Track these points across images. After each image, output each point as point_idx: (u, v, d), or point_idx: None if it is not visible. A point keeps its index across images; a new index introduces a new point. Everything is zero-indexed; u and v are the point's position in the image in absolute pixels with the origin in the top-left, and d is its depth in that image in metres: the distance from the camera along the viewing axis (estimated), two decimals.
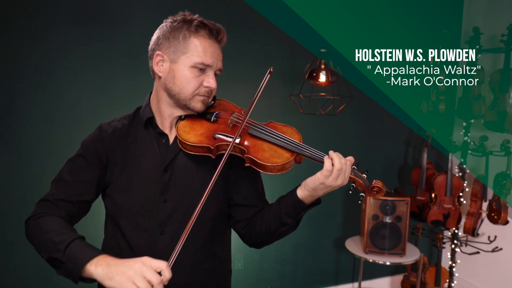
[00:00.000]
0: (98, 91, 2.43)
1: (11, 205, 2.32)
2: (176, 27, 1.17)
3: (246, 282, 2.89)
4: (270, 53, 2.75)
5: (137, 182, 1.21)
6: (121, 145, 1.24)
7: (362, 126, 3.08)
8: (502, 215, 2.68)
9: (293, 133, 1.21)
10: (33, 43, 2.28)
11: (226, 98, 1.31)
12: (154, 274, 0.92)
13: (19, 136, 2.32)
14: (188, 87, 1.17)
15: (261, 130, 1.19)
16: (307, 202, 1.16)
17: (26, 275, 2.37)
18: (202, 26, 1.16)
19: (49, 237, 1.05)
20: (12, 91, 2.29)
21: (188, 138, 1.17)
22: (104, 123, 1.29)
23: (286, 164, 1.13)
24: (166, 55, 1.17)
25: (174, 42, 1.16)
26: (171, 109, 1.22)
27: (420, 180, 2.96)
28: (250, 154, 1.14)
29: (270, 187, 1.55)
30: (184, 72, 1.16)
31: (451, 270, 2.98)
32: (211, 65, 1.17)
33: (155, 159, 1.22)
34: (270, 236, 1.22)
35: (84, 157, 1.22)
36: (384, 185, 1.12)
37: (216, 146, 1.16)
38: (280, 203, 1.19)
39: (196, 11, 1.24)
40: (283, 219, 1.17)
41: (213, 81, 1.18)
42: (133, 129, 1.26)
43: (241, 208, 1.27)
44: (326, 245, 3.11)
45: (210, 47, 1.17)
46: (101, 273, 0.96)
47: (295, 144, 1.16)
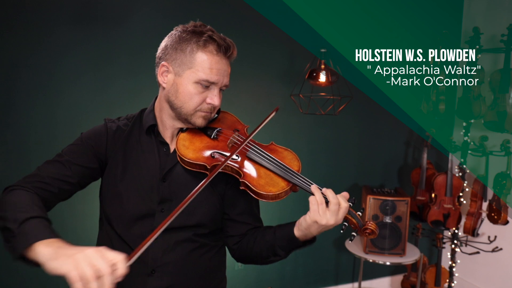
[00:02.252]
0: (98, 91, 2.42)
1: None
2: (185, 39, 1.13)
3: (246, 282, 2.89)
4: (270, 53, 2.75)
5: (136, 188, 1.19)
6: (124, 147, 1.22)
7: (362, 126, 3.08)
8: (502, 215, 2.68)
9: (293, 159, 1.18)
10: (33, 43, 2.28)
11: (226, 98, 1.31)
12: (105, 264, 0.80)
13: (19, 136, 2.32)
14: (191, 103, 1.14)
15: (259, 155, 1.16)
16: (302, 240, 1.16)
17: (26, 275, 2.36)
18: (211, 41, 1.13)
19: (13, 208, 0.98)
20: (12, 91, 2.28)
21: (186, 153, 1.15)
22: (109, 120, 1.27)
23: (281, 193, 1.11)
24: (171, 67, 1.15)
25: (181, 54, 1.13)
26: (172, 120, 1.21)
27: (420, 180, 2.96)
28: (245, 179, 1.12)
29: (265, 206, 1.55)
30: (187, 87, 1.13)
31: (451, 270, 2.98)
32: (216, 82, 1.14)
33: (155, 167, 1.20)
34: (260, 260, 1.23)
35: (79, 146, 1.20)
36: (377, 227, 1.09)
37: (212, 166, 1.14)
38: (276, 234, 1.18)
39: (196, 11, 1.24)
40: (276, 250, 1.17)
41: (217, 99, 1.16)
42: (137, 132, 1.24)
43: (234, 224, 1.26)
44: (326, 245, 3.11)
45: (217, 64, 1.14)
46: (47, 253, 0.86)
47: (293, 174, 1.12)
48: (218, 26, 1.19)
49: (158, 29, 1.39)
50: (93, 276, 0.79)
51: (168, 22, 1.25)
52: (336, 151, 3.06)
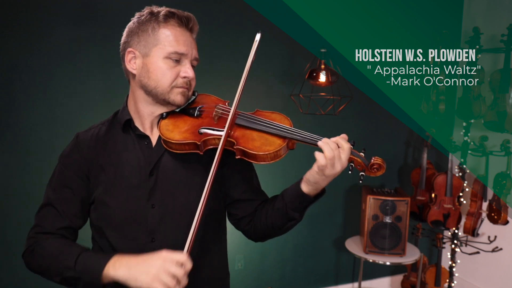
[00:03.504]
0: (98, 91, 2.42)
1: (11, 205, 2.31)
2: (143, 21, 1.13)
3: (246, 282, 2.89)
4: (270, 53, 2.75)
5: (121, 189, 1.14)
6: (101, 152, 1.17)
7: (362, 126, 3.08)
8: (502, 215, 2.68)
9: (282, 119, 1.16)
10: (33, 43, 2.28)
11: (226, 98, 1.30)
12: (177, 268, 0.92)
13: (19, 136, 2.32)
14: (164, 79, 1.10)
15: (248, 119, 1.13)
16: (312, 195, 1.11)
17: (26, 275, 2.36)
18: (171, 15, 1.11)
19: (54, 260, 1.02)
20: (12, 91, 2.28)
21: (172, 136, 1.11)
22: (81, 132, 1.24)
23: (279, 151, 1.07)
24: (137, 51, 1.13)
25: (144, 35, 1.12)
26: (150, 107, 1.16)
27: (420, 180, 2.96)
28: (240, 145, 1.08)
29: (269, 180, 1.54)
30: (158, 64, 1.10)
31: (451, 270, 2.98)
32: (185, 53, 1.11)
33: (139, 163, 1.15)
34: (278, 230, 1.18)
35: (64, 174, 1.17)
36: (384, 161, 1.06)
37: (203, 141, 1.10)
38: (285, 198, 1.14)
39: (196, 11, 1.23)
40: (290, 214, 1.13)
41: (191, 71, 1.12)
42: (112, 134, 1.20)
43: (241, 204, 1.22)
44: (326, 245, 3.11)
45: (182, 36, 1.11)
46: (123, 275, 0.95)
47: (286, 129, 1.09)
48: (218, 26, 1.18)
49: None
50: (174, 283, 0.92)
51: None
52: None
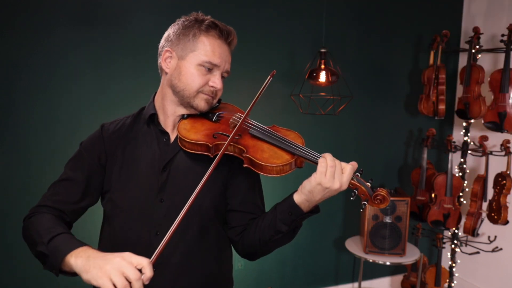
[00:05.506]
0: (98, 91, 2.42)
1: (11, 205, 2.32)
2: (187, 26, 1.17)
3: (246, 282, 2.89)
4: (270, 53, 2.75)
5: (134, 179, 1.19)
6: (122, 143, 1.22)
7: (362, 126, 3.08)
8: (502, 215, 2.69)
9: (296, 137, 1.18)
10: (33, 43, 2.28)
11: (226, 98, 1.31)
12: (133, 270, 0.86)
13: (19, 136, 2.32)
14: (193, 84, 1.16)
15: (262, 131, 1.16)
16: (304, 208, 1.09)
17: (27, 275, 2.37)
18: (213, 26, 1.17)
19: (37, 232, 1.04)
20: (12, 91, 2.29)
21: (187, 135, 1.15)
22: (106, 123, 1.28)
23: (285, 166, 1.08)
24: (174, 52, 1.18)
25: (184, 39, 1.17)
26: (175, 107, 1.21)
27: (420, 180, 2.96)
28: (249, 153, 1.10)
29: (271, 195, 1.54)
30: (190, 69, 1.16)
31: (451, 270, 2.98)
32: (218, 65, 1.16)
33: (154, 157, 1.20)
34: (264, 245, 1.16)
35: (82, 158, 1.21)
36: (388, 193, 1.06)
37: (215, 145, 1.13)
38: (276, 209, 1.13)
39: (196, 11, 1.24)
40: (277, 226, 1.11)
41: (219, 82, 1.17)
42: (136, 127, 1.25)
43: (235, 214, 1.23)
44: (326, 245, 3.11)
45: (219, 48, 1.17)
46: (80, 265, 0.92)
47: (296, 146, 1.11)
48: None
49: (158, 29, 1.39)
50: (125, 284, 0.85)
51: (168, 23, 1.25)
52: (336, 151, 3.02)
